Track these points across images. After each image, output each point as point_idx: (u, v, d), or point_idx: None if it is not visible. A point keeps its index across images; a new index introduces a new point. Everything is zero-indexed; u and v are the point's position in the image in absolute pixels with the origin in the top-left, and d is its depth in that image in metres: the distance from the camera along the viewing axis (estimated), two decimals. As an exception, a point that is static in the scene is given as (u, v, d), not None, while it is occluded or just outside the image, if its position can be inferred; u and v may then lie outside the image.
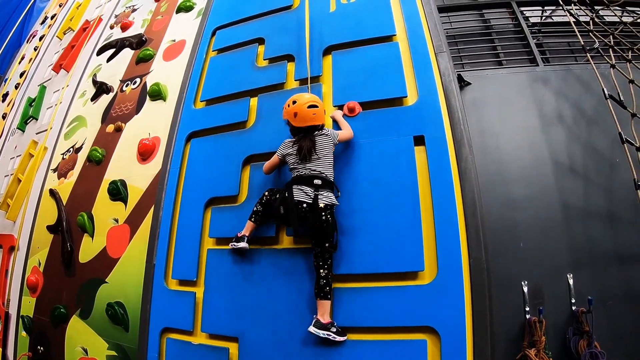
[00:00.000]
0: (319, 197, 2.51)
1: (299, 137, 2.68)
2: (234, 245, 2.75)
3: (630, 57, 3.27)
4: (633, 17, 3.95)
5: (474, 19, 4.18)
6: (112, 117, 4.39)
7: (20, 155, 5.44)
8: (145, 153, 3.74)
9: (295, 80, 3.31)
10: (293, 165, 2.67)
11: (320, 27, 3.49)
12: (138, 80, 4.44)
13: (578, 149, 3.16)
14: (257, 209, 2.77)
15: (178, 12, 4.78)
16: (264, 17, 3.87)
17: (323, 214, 2.49)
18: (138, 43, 4.86)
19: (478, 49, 3.85)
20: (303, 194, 2.52)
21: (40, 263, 4.14)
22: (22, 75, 7.20)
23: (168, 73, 4.20)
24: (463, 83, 3.31)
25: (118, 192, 3.72)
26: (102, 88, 4.76)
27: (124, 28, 5.32)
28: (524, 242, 2.88)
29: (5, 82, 7.88)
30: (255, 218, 2.76)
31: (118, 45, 5.09)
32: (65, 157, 4.59)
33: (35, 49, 7.47)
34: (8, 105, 6.91)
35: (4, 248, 4.71)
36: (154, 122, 3.93)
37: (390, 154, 2.75)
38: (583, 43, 3.28)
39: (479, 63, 3.71)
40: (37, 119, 5.77)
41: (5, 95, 7.38)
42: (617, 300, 2.74)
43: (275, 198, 2.68)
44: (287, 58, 3.46)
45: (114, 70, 4.89)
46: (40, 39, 7.64)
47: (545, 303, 2.71)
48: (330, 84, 3.18)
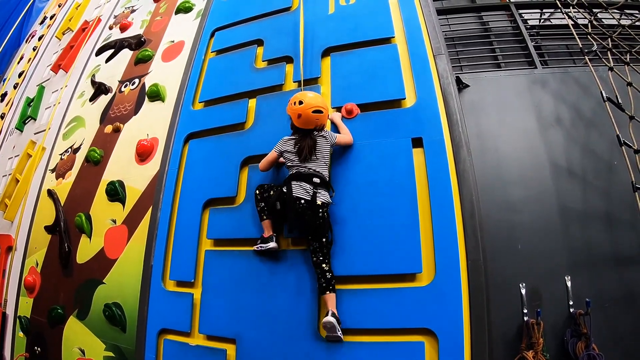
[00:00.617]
0: (317, 194, 2.55)
1: (300, 136, 2.70)
2: (262, 247, 2.70)
3: (629, 59, 3.28)
4: (631, 19, 3.96)
5: (473, 22, 4.20)
6: (110, 117, 4.38)
7: (19, 155, 5.43)
8: (144, 154, 3.73)
9: (294, 82, 3.31)
10: (291, 163, 2.70)
11: (319, 28, 3.49)
12: (137, 81, 4.43)
13: (576, 152, 3.17)
14: (260, 207, 2.76)
15: (177, 13, 4.78)
16: (263, 18, 3.87)
17: (320, 211, 2.53)
18: (137, 44, 4.85)
19: (476, 52, 3.86)
20: (302, 190, 2.56)
21: (38, 263, 4.13)
22: (20, 75, 7.18)
23: (167, 74, 4.19)
24: (461, 85, 3.31)
25: (116, 192, 3.71)
26: (100, 88, 4.74)
27: (123, 29, 5.31)
28: (522, 244, 2.88)
29: (4, 82, 7.86)
30: (267, 214, 2.74)
31: (117, 46, 5.08)
32: (64, 157, 4.58)
33: (34, 49, 7.45)
34: (7, 105, 6.89)
35: (2, 248, 4.69)
36: (153, 122, 3.93)
37: (389, 156, 2.75)
38: (581, 46, 3.30)
39: (478, 65, 3.72)
40: (35, 119, 5.75)
41: (4, 95, 7.36)
42: (614, 303, 2.75)
43: (269, 194, 2.72)
44: (285, 60, 3.46)
45: (113, 71, 4.88)
46: (39, 39, 7.62)
47: (543, 305, 2.72)
48: (329, 86, 3.18)
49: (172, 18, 4.80)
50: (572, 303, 2.71)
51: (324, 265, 2.52)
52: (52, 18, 7.77)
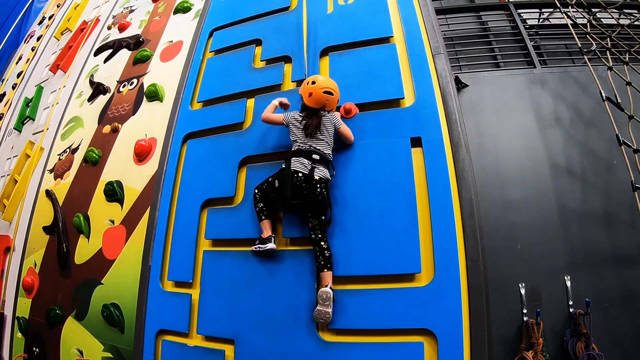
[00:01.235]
0: (315, 169, 2.59)
1: (307, 113, 2.76)
2: (260, 248, 2.70)
3: (628, 59, 3.27)
4: (630, 19, 3.95)
5: (472, 21, 4.19)
6: (108, 117, 4.37)
7: (17, 156, 5.42)
8: (142, 154, 3.73)
9: (292, 82, 3.31)
10: (295, 137, 2.76)
11: (318, 28, 3.50)
12: (135, 81, 4.42)
13: (575, 151, 3.16)
14: (259, 208, 2.76)
15: (175, 13, 4.77)
16: (262, 18, 3.87)
17: (318, 187, 2.56)
18: (135, 44, 4.85)
19: (475, 51, 3.85)
20: (300, 165, 2.63)
21: (36, 264, 4.12)
22: (19, 76, 7.18)
23: (165, 74, 4.19)
24: (460, 85, 3.31)
25: (114, 193, 3.70)
26: (99, 89, 4.74)
27: (122, 29, 5.31)
28: (522, 244, 2.88)
29: (3, 82, 7.85)
30: (265, 214, 2.75)
31: (115, 46, 5.08)
32: (62, 157, 4.58)
33: (33, 49, 7.46)
34: (5, 106, 6.88)
35: (0, 249, 4.68)
36: (151, 123, 3.92)
37: (387, 156, 2.75)
38: (580, 45, 3.29)
39: (477, 65, 3.71)
40: (34, 120, 5.74)
41: (2, 96, 7.35)
42: (614, 302, 2.74)
43: (267, 184, 2.76)
44: (284, 59, 3.46)
45: (111, 71, 4.88)
46: (38, 39, 7.62)
47: (543, 305, 2.71)
48: (327, 85, 3.16)
49: (170, 18, 4.80)
50: (571, 303, 2.71)
51: (323, 243, 2.56)
52: (50, 18, 7.77)
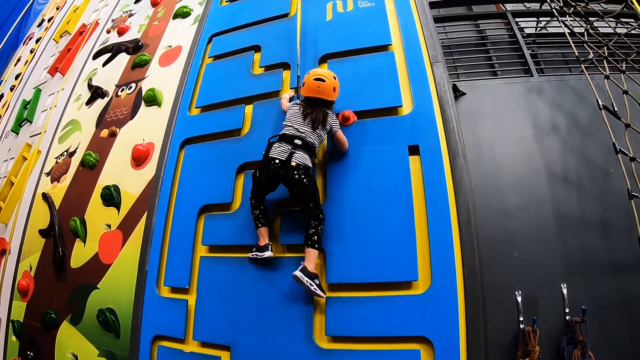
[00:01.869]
0: (294, 154, 2.56)
1: (306, 103, 2.74)
2: (257, 256, 2.69)
3: (624, 68, 3.27)
4: (627, 28, 3.98)
5: (470, 29, 4.22)
6: (106, 121, 4.37)
7: (14, 158, 5.40)
8: (139, 159, 3.73)
9: (291, 88, 3.31)
10: (286, 122, 2.75)
11: (317, 35, 3.51)
12: (133, 86, 4.42)
13: (572, 159, 3.18)
14: (255, 215, 2.76)
15: (175, 18, 4.79)
16: (261, 24, 3.88)
17: (295, 173, 2.53)
18: (134, 48, 4.86)
19: (473, 59, 3.87)
20: (278, 151, 2.61)
21: (32, 267, 4.09)
22: (17, 77, 7.17)
23: (164, 79, 4.19)
24: (458, 93, 3.32)
25: (111, 197, 3.69)
26: (97, 92, 4.74)
27: (121, 33, 5.32)
28: (518, 251, 2.88)
29: (1, 83, 7.83)
30: (262, 222, 2.75)
31: (114, 50, 5.09)
32: (59, 161, 4.56)
33: (32, 52, 7.45)
34: (3, 107, 6.86)
35: (-5, 251, 4.66)
36: (149, 127, 3.92)
37: (385, 163, 2.75)
38: (577, 54, 3.30)
39: (474, 73, 3.73)
40: (31, 122, 5.72)
41: (0, 97, 7.33)
42: (611, 310, 2.75)
43: (253, 180, 2.76)
44: (282, 66, 3.46)
45: (110, 75, 4.88)
46: (37, 42, 7.61)
47: (539, 312, 2.71)
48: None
49: (169, 23, 4.82)
50: (568, 310, 2.71)
51: (312, 222, 2.57)
52: (50, 21, 7.78)
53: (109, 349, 3.18)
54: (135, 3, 5.79)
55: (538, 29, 4.38)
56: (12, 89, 7.04)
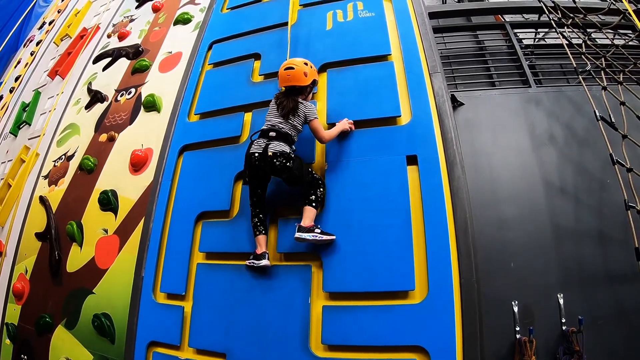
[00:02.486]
0: (269, 146, 2.63)
1: (283, 93, 2.82)
2: (254, 264, 2.69)
3: (622, 79, 3.29)
4: (625, 39, 4.01)
5: (469, 40, 4.25)
6: (105, 126, 4.38)
7: (12, 160, 5.40)
8: (138, 164, 3.73)
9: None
10: (267, 116, 2.82)
11: (316, 44, 3.53)
12: (133, 91, 4.44)
13: (569, 170, 3.19)
14: (254, 223, 2.77)
15: (175, 24, 4.82)
16: (261, 32, 3.90)
17: (275, 161, 2.60)
18: (134, 53, 4.88)
19: (472, 70, 3.89)
20: (256, 146, 2.69)
21: (27, 270, 4.08)
22: (17, 80, 7.18)
23: (163, 85, 4.21)
24: (456, 103, 3.34)
25: (109, 202, 3.69)
26: (96, 97, 4.75)
27: (121, 37, 5.35)
28: (515, 261, 2.88)
29: (0, 85, 7.84)
30: (260, 230, 2.76)
31: (114, 55, 5.11)
32: (57, 164, 4.56)
33: (32, 54, 7.47)
34: (2, 109, 6.86)
35: (-9, 254, 4.64)
36: (147, 133, 3.93)
37: (383, 173, 2.75)
38: (575, 65, 3.32)
39: (473, 83, 3.75)
40: (30, 124, 5.73)
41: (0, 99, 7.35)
42: (607, 320, 2.75)
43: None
44: (282, 74, 3.47)
45: (110, 80, 4.89)
46: (37, 44, 7.64)
47: (536, 323, 2.71)
48: (325, 102, 3.19)
49: (170, 29, 4.84)
50: (564, 320, 2.71)
51: (311, 192, 2.67)
52: (51, 24, 7.80)
53: (104, 354, 3.17)
54: (137, 8, 5.82)
55: (536, 40, 4.41)
56: (11, 91, 7.04)
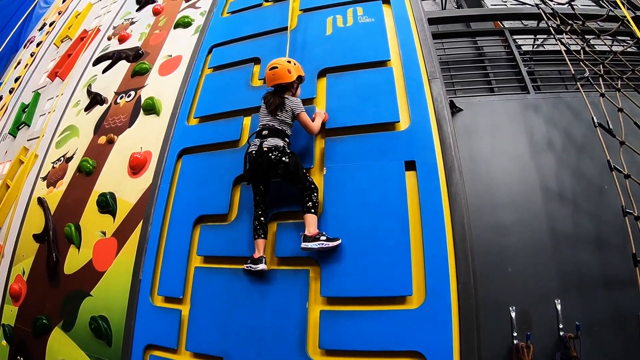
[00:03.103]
0: (263, 143, 2.72)
1: (271, 93, 2.92)
2: (252, 268, 2.71)
3: (620, 85, 3.31)
4: (623, 46, 4.03)
5: (468, 46, 4.27)
6: (104, 128, 4.38)
7: (10, 161, 5.39)
8: (137, 167, 3.73)
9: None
10: (259, 118, 2.93)
11: (316, 49, 3.55)
12: (133, 93, 4.45)
13: (567, 176, 3.21)
14: (255, 225, 2.78)
15: (176, 27, 4.83)
16: (261, 37, 3.92)
17: (271, 155, 2.67)
18: (135, 56, 4.89)
19: (471, 76, 3.91)
20: (253, 146, 2.79)
21: (25, 272, 4.06)
22: (17, 80, 7.18)
23: (163, 88, 4.22)
24: (455, 109, 3.35)
25: (107, 204, 3.69)
26: (96, 99, 4.75)
27: (122, 40, 5.36)
28: (513, 267, 2.90)
29: (0, 85, 7.84)
30: (260, 234, 2.76)
31: (114, 57, 5.11)
32: (56, 166, 4.56)
33: (32, 55, 7.47)
34: (1, 110, 6.86)
35: (-11, 255, 4.63)
36: (147, 136, 3.93)
37: (381, 179, 2.76)
38: (573, 72, 3.34)
39: (472, 89, 3.77)
40: (29, 126, 5.72)
41: (-1, 99, 7.35)
42: (604, 326, 2.76)
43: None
44: (282, 78, 3.48)
45: (109, 82, 4.90)
46: (38, 45, 7.64)
47: (533, 328, 2.73)
48: (324, 107, 3.20)
49: (170, 32, 4.86)
50: (562, 326, 2.72)
51: (307, 199, 2.70)
52: (51, 25, 7.81)
53: (101, 357, 3.15)
54: (137, 11, 5.84)
55: (535, 47, 4.43)
56: (11, 92, 7.04)
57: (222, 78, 3.82)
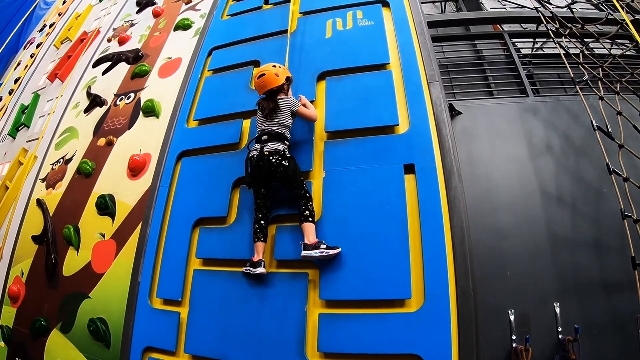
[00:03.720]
0: (264, 147, 2.77)
1: (264, 98, 2.97)
2: (250, 271, 2.71)
3: (619, 89, 3.31)
4: (622, 49, 4.04)
5: (467, 49, 4.27)
6: (104, 130, 4.38)
7: (10, 162, 5.39)
8: (136, 169, 3.73)
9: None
10: (257, 124, 2.97)
11: (316, 52, 3.56)
12: (132, 95, 4.45)
13: (566, 179, 3.20)
14: (255, 228, 2.78)
15: (176, 29, 4.84)
16: (260, 39, 3.93)
17: (272, 158, 2.72)
18: (134, 58, 4.90)
19: (470, 79, 3.91)
20: (253, 151, 2.83)
21: (23, 273, 4.06)
22: (16, 81, 7.18)
23: (162, 90, 4.22)
24: (454, 112, 3.35)
25: (106, 206, 3.69)
26: (95, 100, 4.76)
27: (121, 42, 5.37)
28: (511, 270, 2.89)
29: (0, 86, 7.84)
30: (259, 237, 2.77)
31: (114, 59, 5.12)
32: (55, 167, 4.56)
33: (32, 56, 7.48)
34: (0, 111, 6.86)
35: (-12, 256, 4.62)
36: (146, 138, 3.94)
37: (380, 182, 2.77)
38: (573, 75, 3.35)
39: (471, 93, 3.77)
40: (28, 127, 5.73)
41: (-1, 100, 7.34)
42: (603, 329, 2.75)
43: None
44: (281, 81, 3.48)
45: (109, 84, 4.91)
46: (38, 47, 7.65)
47: (532, 331, 2.71)
48: (323, 110, 3.21)
49: (170, 34, 4.87)
50: (560, 329, 2.71)
51: (302, 201, 2.73)
52: (51, 26, 7.82)
53: (99, 359, 3.15)
54: (137, 13, 5.86)
55: (534, 50, 4.44)
56: (10, 93, 7.04)
57: (221, 80, 3.83)
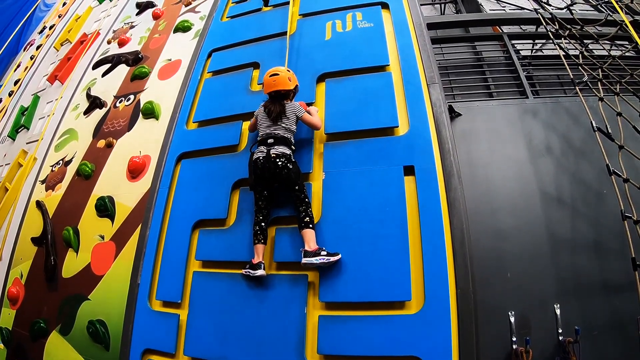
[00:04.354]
0: (271, 150, 2.79)
1: (270, 100, 2.97)
2: (250, 273, 2.71)
3: (618, 90, 3.32)
4: (621, 50, 4.04)
5: (466, 51, 4.28)
6: (103, 132, 4.39)
7: (9, 164, 5.39)
8: (135, 171, 3.73)
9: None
10: (260, 126, 2.96)
11: (315, 54, 3.56)
12: (132, 97, 4.46)
13: (566, 180, 3.20)
14: (255, 230, 2.78)
15: (175, 31, 4.85)
16: (260, 42, 3.94)
17: (278, 161, 2.74)
18: (134, 60, 4.91)
19: (469, 81, 3.92)
20: (259, 153, 2.83)
21: (23, 275, 4.06)
22: (16, 83, 7.19)
23: (162, 92, 4.23)
24: (454, 114, 3.35)
25: (106, 208, 3.69)
26: (95, 102, 4.77)
27: (121, 44, 5.37)
28: (511, 272, 2.89)
29: (0, 87, 7.85)
30: (259, 239, 2.77)
31: (114, 61, 5.13)
32: (55, 169, 4.57)
33: (32, 58, 7.49)
34: (0, 112, 6.86)
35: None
36: (146, 140, 3.94)
37: (380, 183, 2.76)
38: (572, 76, 3.35)
39: (470, 94, 3.77)
40: (28, 129, 5.74)
41: (-2, 101, 7.35)
42: (603, 330, 2.76)
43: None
44: (281, 83, 3.49)
45: (109, 86, 4.92)
46: (37, 48, 7.66)
47: (532, 333, 2.72)
48: (323, 111, 3.21)
49: (170, 36, 4.88)
50: (561, 331, 2.71)
51: (300, 208, 2.73)
52: (51, 28, 7.84)
53: (98, 361, 3.15)
54: (137, 15, 5.87)
55: (534, 51, 4.45)
56: (10, 94, 7.04)
57: (221, 82, 3.83)
